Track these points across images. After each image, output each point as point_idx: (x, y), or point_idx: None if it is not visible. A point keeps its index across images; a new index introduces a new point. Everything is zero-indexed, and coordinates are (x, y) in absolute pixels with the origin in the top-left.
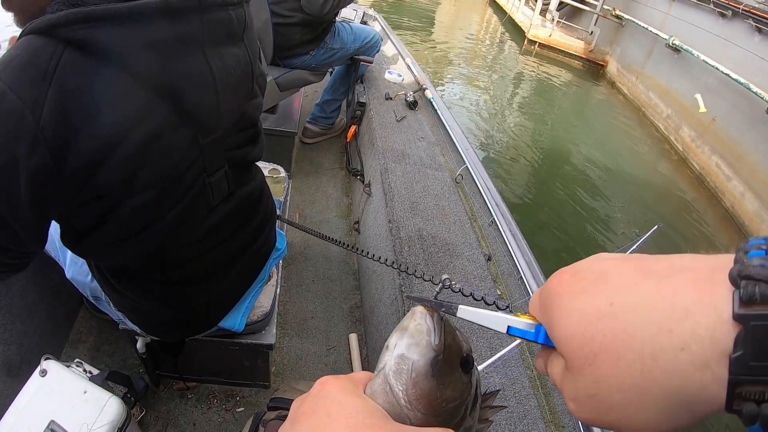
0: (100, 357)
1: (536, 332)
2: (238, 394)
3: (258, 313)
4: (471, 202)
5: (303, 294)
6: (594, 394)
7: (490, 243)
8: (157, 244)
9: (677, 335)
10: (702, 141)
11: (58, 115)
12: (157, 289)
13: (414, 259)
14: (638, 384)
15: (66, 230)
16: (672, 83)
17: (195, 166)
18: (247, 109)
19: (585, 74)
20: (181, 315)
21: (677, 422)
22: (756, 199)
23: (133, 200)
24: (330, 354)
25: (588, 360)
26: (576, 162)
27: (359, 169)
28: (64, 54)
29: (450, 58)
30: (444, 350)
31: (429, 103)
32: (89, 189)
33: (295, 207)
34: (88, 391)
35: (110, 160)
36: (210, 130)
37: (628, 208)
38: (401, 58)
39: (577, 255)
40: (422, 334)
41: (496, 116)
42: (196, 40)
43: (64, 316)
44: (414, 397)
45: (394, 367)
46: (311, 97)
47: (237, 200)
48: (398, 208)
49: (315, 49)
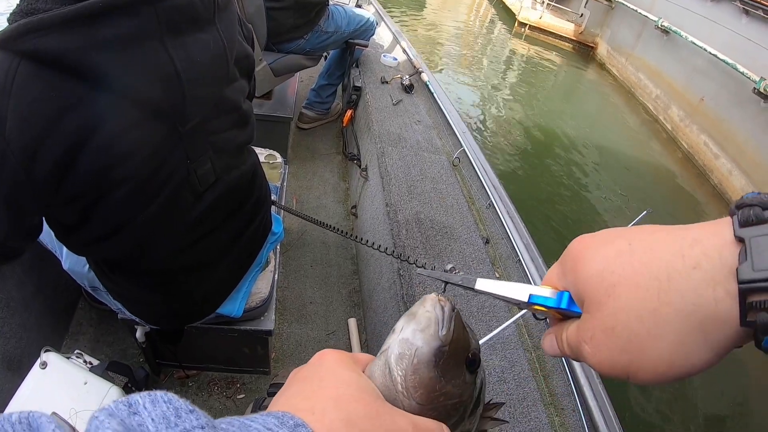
0: (100, 348)
1: (558, 299)
2: (239, 381)
3: (256, 300)
4: (468, 185)
5: (301, 279)
6: (612, 326)
7: (488, 226)
8: (145, 234)
9: (689, 257)
10: (690, 120)
11: (21, 126)
12: (151, 279)
13: (412, 242)
14: (655, 308)
15: (54, 227)
16: (661, 64)
17: (175, 155)
18: (225, 93)
19: (575, 56)
20: (177, 303)
21: (693, 356)
22: (743, 176)
23: (111, 196)
24: (329, 339)
25: (608, 292)
26: (568, 142)
27: (356, 154)
28: (20, 67)
29: (441, 41)
30: (450, 343)
31: (425, 86)
32: (64, 191)
33: (292, 193)
34: (88, 382)
35: (79, 162)
36: (185, 118)
37: (620, 186)
38: (397, 41)
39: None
40: (430, 321)
41: (487, 99)
42: (151, 32)
43: (63, 307)
44: (412, 384)
45: (396, 350)
46: (306, 82)
47: (226, 186)
48: (395, 192)
49: (309, 33)
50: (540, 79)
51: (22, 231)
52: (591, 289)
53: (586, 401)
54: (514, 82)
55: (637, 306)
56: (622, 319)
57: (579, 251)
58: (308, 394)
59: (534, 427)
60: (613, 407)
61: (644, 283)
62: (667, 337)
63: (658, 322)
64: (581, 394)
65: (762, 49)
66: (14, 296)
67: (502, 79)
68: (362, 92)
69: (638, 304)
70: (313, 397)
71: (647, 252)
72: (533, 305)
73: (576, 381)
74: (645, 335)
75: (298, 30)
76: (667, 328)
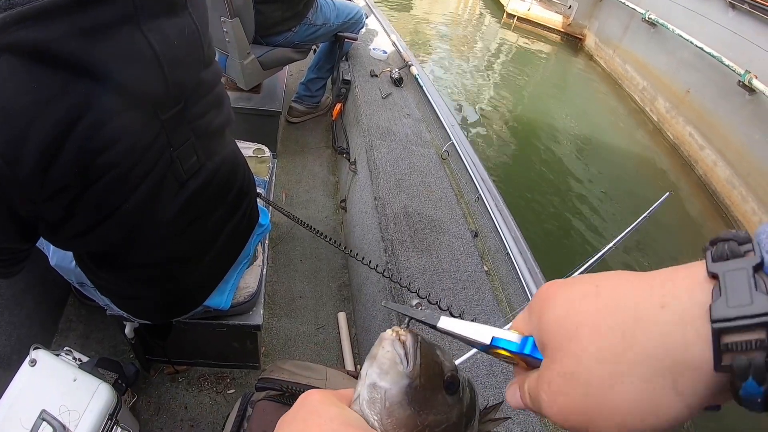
0: (90, 344)
1: (522, 344)
2: (229, 376)
3: (245, 294)
4: (457, 178)
5: (291, 274)
6: (572, 371)
7: (476, 219)
8: (130, 225)
9: (658, 296)
10: (676, 112)
11: (4, 119)
12: (137, 271)
13: (400, 236)
14: (619, 352)
15: (39, 225)
16: (648, 57)
17: (158, 142)
18: (203, 76)
19: (564, 48)
20: (164, 296)
21: (661, 407)
22: (728, 167)
23: (96, 187)
24: (319, 333)
25: (569, 335)
26: (557, 133)
27: (345, 147)
28: (0, 60)
29: (430, 33)
30: (420, 376)
31: (415, 79)
32: (49, 184)
33: (281, 187)
34: (78, 378)
35: (63, 153)
36: (166, 104)
37: (607, 176)
38: (386, 34)
39: (561, 225)
40: (391, 362)
41: (476, 91)
42: (128, 17)
43: (52, 304)
44: (391, 427)
45: (366, 396)
46: (296, 75)
47: (209, 172)
48: (384, 186)
49: (297, 26)
50: (529, 70)
51: (15, 230)
52: (553, 333)
53: None
54: (503, 74)
55: (599, 349)
56: (584, 363)
57: (546, 295)
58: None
59: (526, 420)
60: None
61: (608, 325)
62: (631, 383)
63: (622, 367)
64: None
65: (747, 42)
66: (3, 294)
67: (491, 71)
68: (351, 86)
69: (601, 347)
70: None
71: (614, 293)
72: (496, 348)
73: None
74: (607, 381)
75: (286, 22)
76: (632, 374)
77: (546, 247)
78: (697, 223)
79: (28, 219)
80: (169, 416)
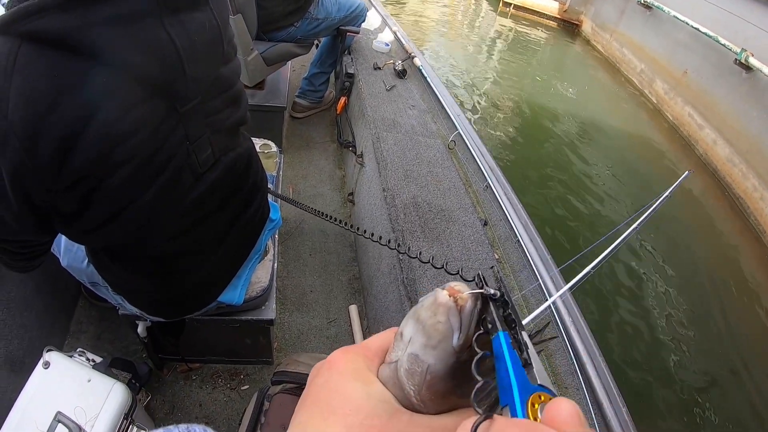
0: (102, 345)
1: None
2: (242, 372)
3: (257, 289)
4: (465, 167)
5: (301, 268)
6: None
7: (485, 207)
8: (146, 218)
9: None
10: (675, 93)
11: (23, 106)
12: (152, 266)
13: (410, 226)
14: None
15: (54, 217)
16: (645, 39)
17: (175, 135)
18: (222, 72)
19: (561, 34)
20: (178, 291)
21: None
22: (727, 145)
23: (113, 177)
24: (331, 327)
25: None
26: (558, 118)
27: (351, 141)
28: (21, 48)
29: (427, 24)
30: (470, 348)
31: (418, 70)
32: (67, 173)
33: (288, 182)
34: (92, 379)
35: (81, 142)
36: (185, 97)
37: (611, 159)
38: (388, 26)
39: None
40: (442, 335)
41: (476, 80)
42: (151, 11)
43: (63, 306)
44: (428, 398)
45: (406, 364)
46: (299, 71)
47: (224, 167)
48: (392, 177)
49: (299, 21)
50: (527, 57)
51: (33, 221)
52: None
53: (590, 379)
54: (502, 63)
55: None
56: None
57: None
58: (317, 424)
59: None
60: (617, 385)
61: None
62: None
63: None
64: (584, 373)
65: (743, 21)
66: (14, 297)
67: (490, 60)
68: (355, 79)
69: None
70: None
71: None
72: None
73: (579, 359)
74: None
75: (288, 18)
76: None
77: (554, 235)
78: (699, 203)
79: (44, 209)
80: (184, 414)
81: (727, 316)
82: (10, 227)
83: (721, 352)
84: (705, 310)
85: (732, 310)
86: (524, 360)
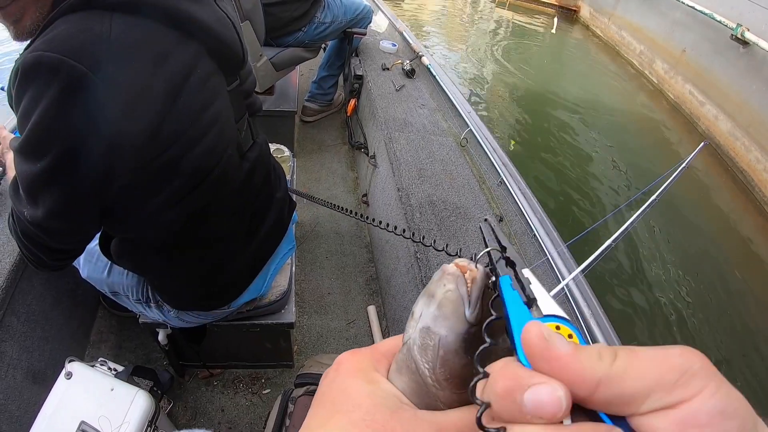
0: (123, 354)
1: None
2: (263, 376)
3: (276, 293)
4: (478, 164)
5: (318, 271)
6: None
7: (500, 203)
8: (213, 194)
9: None
10: (675, 72)
11: (123, 69)
12: (201, 252)
13: (427, 224)
14: None
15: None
16: (642, 21)
17: (229, 113)
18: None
19: (559, 21)
20: (222, 279)
21: None
22: (728, 120)
23: (199, 146)
24: (350, 328)
25: None
26: (563, 104)
27: (362, 142)
28: (113, 18)
29: (427, 21)
30: (482, 319)
31: (427, 69)
32: (162, 140)
33: (302, 186)
34: (115, 388)
35: (175, 107)
36: (232, 75)
37: (614, 142)
38: (394, 27)
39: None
40: (453, 304)
41: (481, 72)
42: None
43: (83, 317)
44: (443, 377)
45: (418, 341)
46: (307, 75)
47: (259, 148)
48: (406, 176)
49: (307, 25)
50: (528, 46)
51: (97, 210)
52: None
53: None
54: (503, 53)
55: None
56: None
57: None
58: (322, 422)
59: None
60: (608, 316)
61: None
62: None
63: None
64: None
65: None
66: (34, 310)
67: (492, 51)
68: (364, 80)
69: None
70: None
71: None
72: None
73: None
74: None
75: (295, 23)
76: None
77: (568, 225)
78: (703, 179)
79: (117, 194)
80: (207, 420)
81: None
82: (74, 236)
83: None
84: (712, 288)
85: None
86: (527, 297)
